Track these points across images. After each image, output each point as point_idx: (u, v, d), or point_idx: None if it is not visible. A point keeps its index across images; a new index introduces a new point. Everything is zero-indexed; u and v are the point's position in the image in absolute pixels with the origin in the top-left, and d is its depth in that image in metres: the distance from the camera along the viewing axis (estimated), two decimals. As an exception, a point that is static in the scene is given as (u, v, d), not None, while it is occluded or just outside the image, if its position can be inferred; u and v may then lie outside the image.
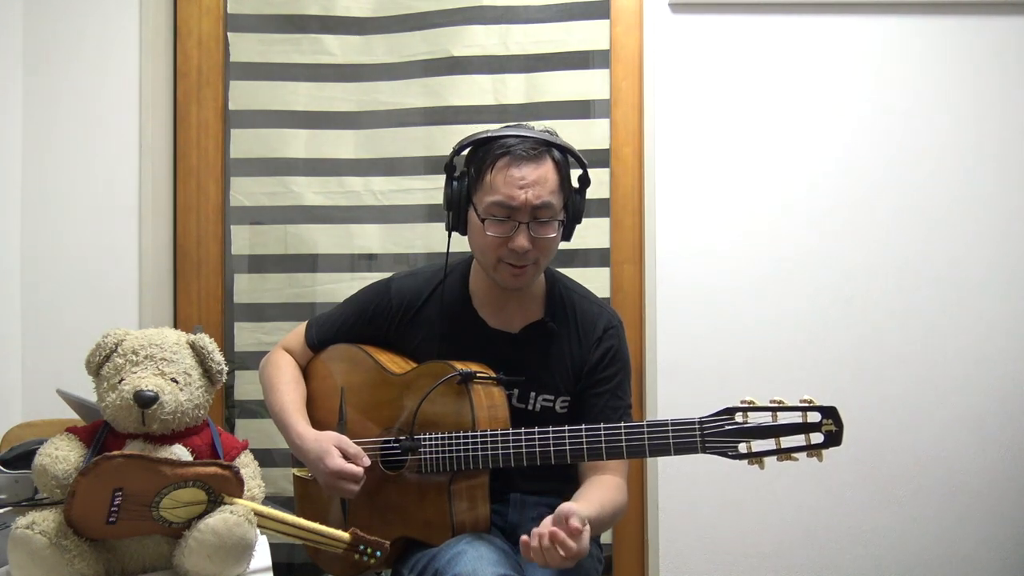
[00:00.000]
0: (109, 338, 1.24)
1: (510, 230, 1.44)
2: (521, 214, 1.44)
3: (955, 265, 2.19)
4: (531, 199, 1.43)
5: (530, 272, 1.49)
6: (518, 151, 1.44)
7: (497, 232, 1.45)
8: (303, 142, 2.32)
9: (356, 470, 1.42)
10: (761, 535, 2.19)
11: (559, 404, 1.56)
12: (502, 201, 1.43)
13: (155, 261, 2.22)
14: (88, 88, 2.20)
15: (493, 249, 1.47)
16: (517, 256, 1.45)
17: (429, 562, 1.39)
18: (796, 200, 2.20)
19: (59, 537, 1.08)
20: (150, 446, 1.20)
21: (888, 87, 2.20)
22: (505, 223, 1.44)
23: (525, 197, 1.42)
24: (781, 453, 1.32)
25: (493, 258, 1.48)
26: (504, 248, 1.45)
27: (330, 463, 1.42)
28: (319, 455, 1.45)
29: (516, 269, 1.47)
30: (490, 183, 1.45)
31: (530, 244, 1.44)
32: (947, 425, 2.18)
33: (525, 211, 1.44)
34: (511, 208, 1.43)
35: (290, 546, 2.08)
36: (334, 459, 1.43)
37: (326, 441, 1.46)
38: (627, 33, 2.27)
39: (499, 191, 1.43)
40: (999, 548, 2.18)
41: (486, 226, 1.45)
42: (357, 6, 2.31)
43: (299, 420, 1.54)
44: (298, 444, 1.51)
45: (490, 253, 1.47)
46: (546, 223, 1.46)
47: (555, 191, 1.46)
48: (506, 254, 1.46)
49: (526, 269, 1.48)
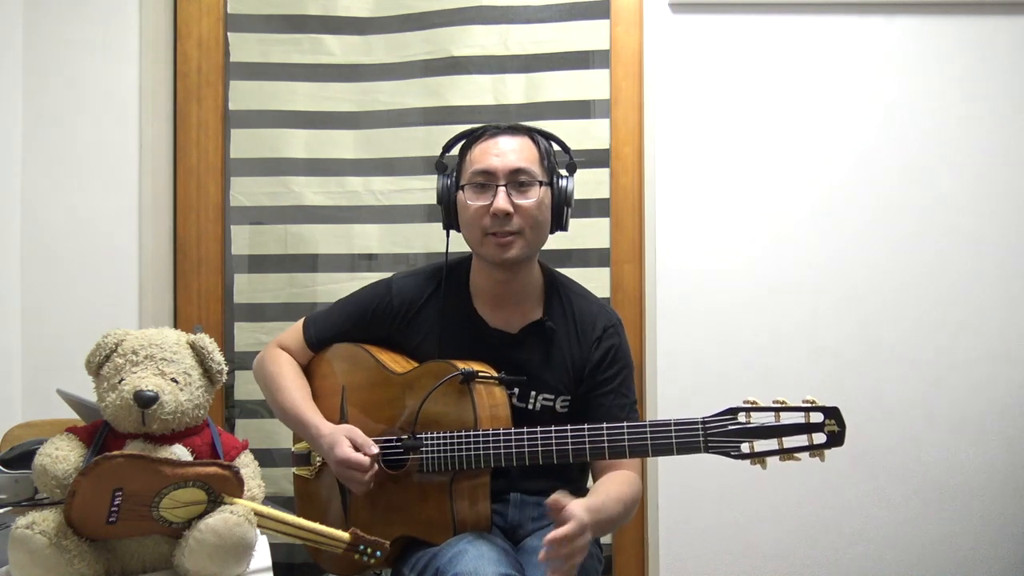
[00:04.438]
0: (109, 338, 1.24)
1: (490, 196, 1.47)
2: (498, 178, 1.47)
3: (955, 266, 2.19)
4: (509, 164, 1.48)
5: (517, 244, 1.49)
6: (496, 129, 1.52)
7: (478, 200, 1.48)
8: (303, 142, 2.32)
9: (363, 459, 1.42)
10: (761, 535, 2.19)
11: (559, 403, 1.55)
12: (479, 168, 1.48)
13: (155, 261, 2.22)
14: (88, 88, 2.20)
15: (478, 220, 1.48)
16: (499, 222, 1.47)
17: (430, 561, 1.39)
18: (796, 200, 2.20)
19: (59, 537, 1.08)
20: (150, 446, 1.20)
21: (889, 87, 2.20)
22: (485, 190, 1.48)
23: (502, 162, 1.48)
24: (784, 453, 1.32)
25: (479, 232, 1.49)
26: (487, 217, 1.47)
27: (339, 452, 1.44)
28: (331, 445, 1.46)
29: (501, 239, 1.48)
30: (470, 160, 1.51)
31: (510, 207, 1.46)
32: (947, 425, 2.18)
33: (502, 174, 1.47)
34: (488, 174, 1.48)
35: (290, 546, 2.07)
36: (343, 448, 1.44)
37: (339, 432, 1.48)
38: (627, 33, 2.27)
39: (477, 161, 1.49)
40: (999, 548, 2.18)
41: (466, 194, 1.49)
42: (357, 6, 2.31)
43: (314, 415, 1.54)
44: (316, 438, 1.51)
45: (475, 227, 1.49)
46: (526, 187, 1.49)
47: (534, 160, 1.51)
48: (489, 223, 1.47)
49: (512, 240, 1.48)
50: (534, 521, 1.54)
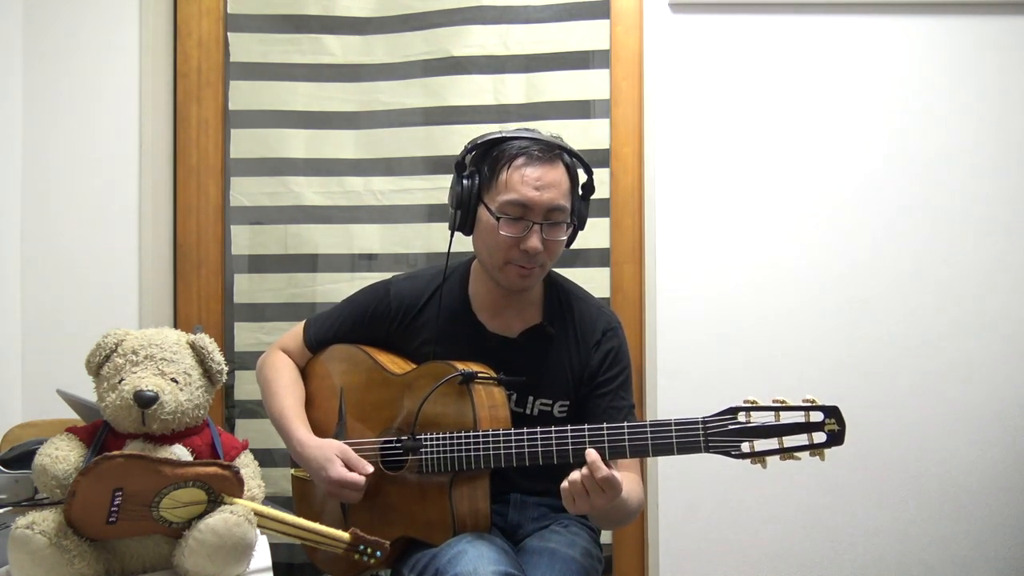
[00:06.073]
0: (109, 338, 1.24)
1: (523, 230, 1.45)
2: (535, 214, 1.45)
3: (954, 265, 2.19)
4: (546, 200, 1.44)
5: (536, 274, 1.50)
6: (534, 152, 1.46)
7: (511, 232, 1.45)
8: (303, 142, 2.32)
9: (358, 479, 1.43)
10: (761, 535, 2.19)
11: (557, 408, 1.55)
12: (517, 200, 1.44)
13: (155, 261, 2.22)
14: (88, 88, 2.19)
15: (504, 249, 1.46)
16: (528, 257, 1.46)
17: (430, 562, 1.38)
18: (796, 200, 2.20)
19: (59, 537, 1.08)
20: (150, 446, 1.20)
21: (890, 87, 2.20)
22: (519, 223, 1.45)
23: (541, 198, 1.44)
24: (784, 452, 1.32)
25: (502, 259, 1.47)
26: (515, 249, 1.46)
27: (333, 472, 1.44)
28: (321, 464, 1.46)
29: (524, 270, 1.48)
30: (505, 182, 1.45)
31: (541, 246, 1.45)
32: (946, 426, 2.18)
33: (539, 212, 1.45)
34: (526, 208, 1.44)
35: (290, 546, 2.08)
36: (337, 468, 1.44)
37: (328, 450, 1.47)
38: (627, 33, 2.27)
39: (515, 190, 1.44)
40: (998, 548, 2.18)
41: (501, 225, 1.45)
42: (357, 6, 2.31)
43: (299, 426, 1.54)
44: (299, 451, 1.52)
45: (499, 254, 1.47)
46: (557, 225, 1.47)
47: (566, 195, 1.48)
48: (516, 255, 1.46)
49: (533, 271, 1.49)
50: (534, 521, 1.54)
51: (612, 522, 1.62)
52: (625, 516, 1.49)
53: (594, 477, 1.28)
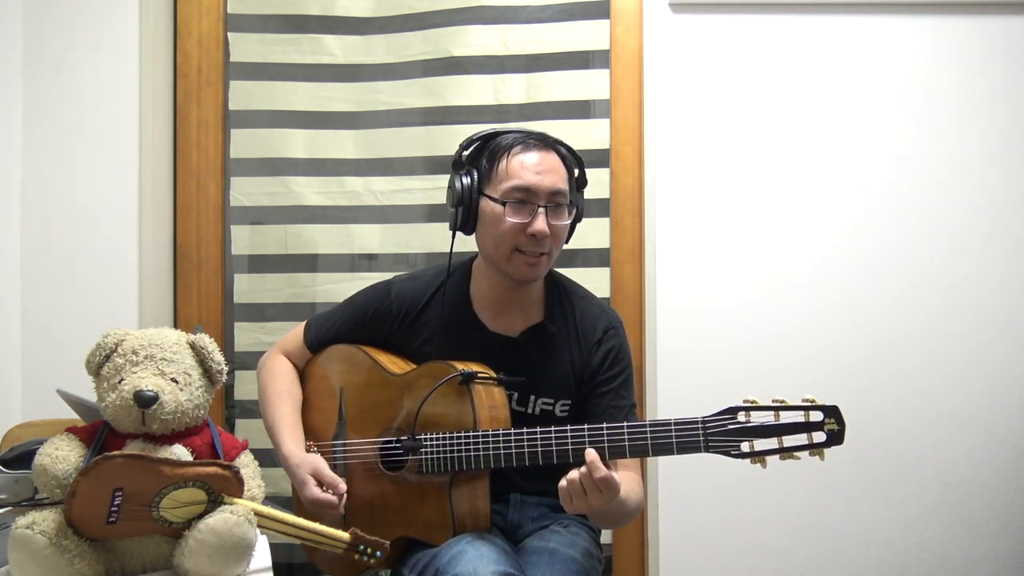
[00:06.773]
0: (109, 338, 1.24)
1: (529, 215, 1.45)
2: (539, 198, 1.46)
3: (955, 267, 2.19)
4: (548, 184, 1.46)
5: (544, 263, 1.50)
6: (530, 141, 1.50)
7: (517, 217, 1.46)
8: (303, 142, 2.32)
9: (331, 499, 1.43)
10: (761, 534, 2.19)
11: (559, 408, 1.55)
12: (521, 185, 1.46)
13: (155, 261, 2.22)
14: (88, 88, 2.19)
15: (511, 237, 1.47)
16: (535, 242, 1.46)
17: (430, 562, 1.39)
18: (795, 200, 2.20)
19: (59, 537, 1.08)
20: (150, 446, 1.20)
21: (892, 87, 2.20)
22: (524, 207, 1.46)
23: (543, 182, 1.46)
24: (783, 452, 1.32)
25: (509, 247, 1.48)
26: (522, 236, 1.46)
27: (307, 493, 1.45)
28: (298, 482, 1.48)
29: (531, 259, 1.48)
30: (506, 169, 1.47)
31: (548, 229, 1.46)
32: (947, 425, 2.18)
33: (543, 195, 1.46)
34: (529, 192, 1.46)
35: (290, 546, 2.07)
36: (310, 489, 1.44)
37: (304, 469, 1.47)
38: (627, 33, 2.27)
39: (517, 176, 1.46)
40: (997, 547, 2.18)
41: (506, 211, 1.46)
42: (357, 6, 2.31)
43: (285, 438, 1.55)
44: (283, 464, 1.54)
45: (506, 242, 1.47)
46: (561, 209, 1.49)
47: (566, 180, 1.50)
48: (523, 241, 1.46)
49: (541, 259, 1.49)
50: (534, 521, 1.55)
51: (611, 522, 1.61)
52: (624, 516, 1.49)
53: (592, 477, 1.28)
